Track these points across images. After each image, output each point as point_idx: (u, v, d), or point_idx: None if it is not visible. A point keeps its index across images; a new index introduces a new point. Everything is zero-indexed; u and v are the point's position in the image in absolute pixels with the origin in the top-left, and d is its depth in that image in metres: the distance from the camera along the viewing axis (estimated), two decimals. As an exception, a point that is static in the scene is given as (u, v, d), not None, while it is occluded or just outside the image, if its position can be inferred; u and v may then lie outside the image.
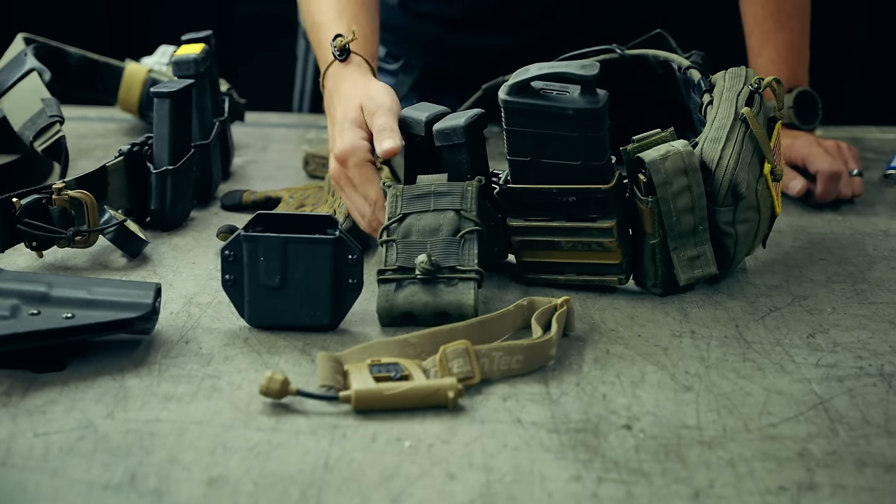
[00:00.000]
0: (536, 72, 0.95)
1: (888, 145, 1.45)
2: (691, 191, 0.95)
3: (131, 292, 0.88)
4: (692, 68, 1.08)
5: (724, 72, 1.05)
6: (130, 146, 1.10)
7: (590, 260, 0.99)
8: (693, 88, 1.08)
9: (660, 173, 0.94)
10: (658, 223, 0.96)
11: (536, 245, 0.99)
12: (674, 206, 0.95)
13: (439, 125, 1.01)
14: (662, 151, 0.95)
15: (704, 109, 1.03)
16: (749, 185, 0.98)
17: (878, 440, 0.79)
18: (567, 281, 1.01)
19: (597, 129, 0.94)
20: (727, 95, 1.01)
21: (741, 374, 0.88)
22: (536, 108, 0.95)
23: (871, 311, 0.99)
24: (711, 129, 0.99)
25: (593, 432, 0.79)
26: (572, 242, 0.98)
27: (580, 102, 0.94)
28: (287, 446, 0.77)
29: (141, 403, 0.81)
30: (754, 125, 0.98)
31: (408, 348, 0.88)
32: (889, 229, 1.19)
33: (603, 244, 0.97)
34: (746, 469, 0.75)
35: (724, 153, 0.97)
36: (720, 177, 0.97)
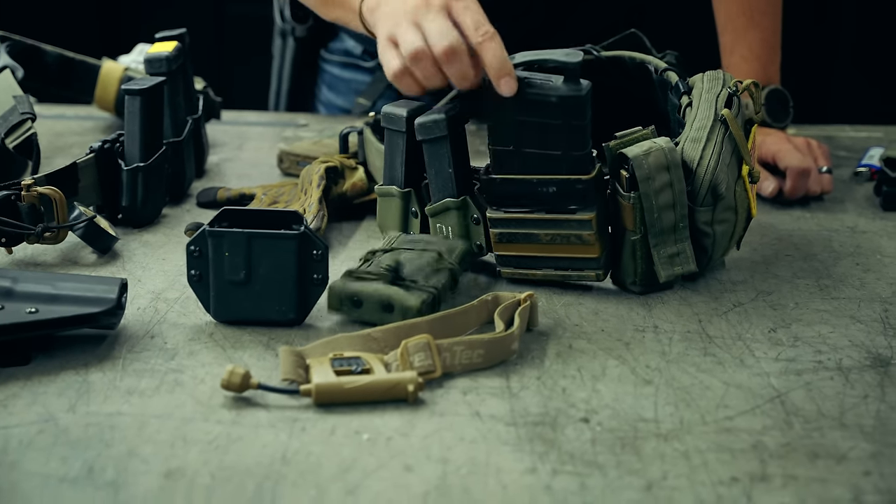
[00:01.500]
0: (521, 59, 0.96)
1: (860, 143, 1.46)
2: (673, 187, 0.95)
3: (96, 287, 0.89)
4: (669, 70, 1.09)
5: (702, 74, 1.06)
6: (101, 143, 1.11)
7: (568, 254, 0.99)
8: (670, 90, 1.08)
9: (643, 168, 0.95)
10: (640, 219, 0.97)
11: (515, 238, 1.00)
12: (656, 202, 0.96)
13: (421, 119, 1.02)
14: (645, 147, 0.95)
15: (683, 111, 1.04)
16: (728, 186, 0.99)
17: (831, 432, 0.80)
18: (545, 276, 1.01)
19: (580, 117, 0.95)
20: (706, 97, 1.02)
21: (701, 369, 0.88)
22: (520, 94, 0.95)
23: (833, 306, 1.00)
24: (692, 130, 1.00)
25: (551, 425, 0.80)
26: (551, 235, 0.98)
27: (564, 90, 0.95)
28: (246, 439, 0.77)
29: (103, 397, 0.82)
30: (734, 127, 0.99)
31: (371, 342, 0.89)
32: (856, 226, 1.20)
33: (582, 237, 0.98)
34: (700, 461, 0.76)
35: (704, 153, 0.98)
36: (701, 176, 0.97)
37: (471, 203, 1.03)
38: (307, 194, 1.13)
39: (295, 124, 1.53)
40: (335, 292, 0.93)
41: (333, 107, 1.58)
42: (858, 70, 2.39)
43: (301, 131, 1.49)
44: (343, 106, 1.56)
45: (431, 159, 1.02)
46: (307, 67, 1.58)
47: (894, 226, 1.20)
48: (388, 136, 1.05)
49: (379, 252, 0.99)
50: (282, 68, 1.59)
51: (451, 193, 1.02)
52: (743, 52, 1.34)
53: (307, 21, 1.53)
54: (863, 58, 2.42)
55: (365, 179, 1.16)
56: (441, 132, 1.00)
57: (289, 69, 1.58)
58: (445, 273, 0.96)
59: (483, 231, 1.03)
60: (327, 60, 1.56)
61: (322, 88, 1.58)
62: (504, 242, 1.01)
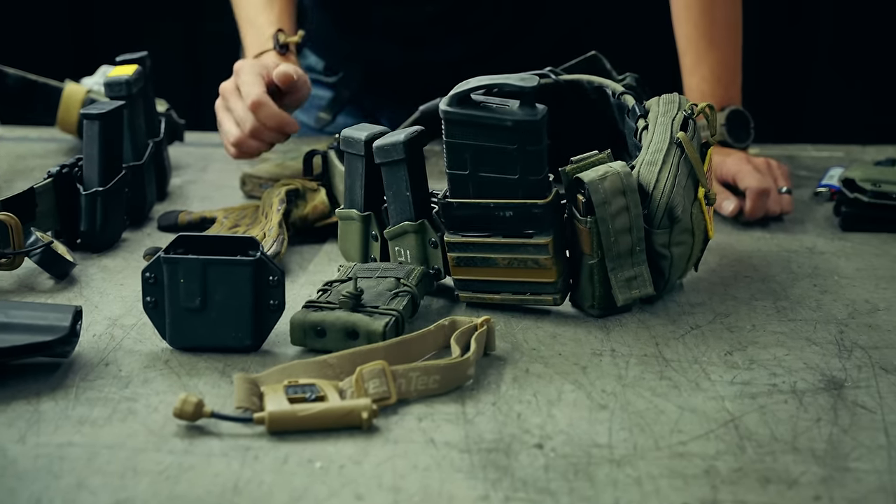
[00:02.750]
0: (476, 83, 0.97)
1: (821, 163, 1.47)
2: (629, 211, 0.96)
3: (49, 315, 0.88)
4: (626, 94, 1.09)
5: (658, 98, 1.07)
6: (60, 167, 1.10)
7: (525, 278, 0.99)
8: (627, 113, 1.09)
9: (599, 193, 0.95)
10: (596, 243, 0.97)
11: (473, 262, 1.00)
12: (612, 226, 0.96)
13: (379, 142, 1.02)
14: (601, 172, 0.96)
15: (640, 134, 1.04)
16: (684, 209, 0.99)
17: (783, 456, 0.80)
18: (503, 301, 1.01)
19: (535, 141, 0.96)
20: (662, 120, 1.02)
21: (657, 393, 0.89)
22: (476, 118, 0.96)
23: (789, 328, 1.01)
24: (648, 153, 1.00)
25: (505, 452, 0.80)
26: (508, 259, 0.99)
27: (519, 114, 0.95)
28: (197, 469, 0.77)
29: (54, 427, 0.82)
30: (689, 150, 1.00)
31: (326, 369, 0.88)
32: (815, 247, 1.21)
33: (539, 261, 0.98)
34: (652, 487, 0.76)
35: (660, 176, 0.98)
36: (657, 199, 0.98)
37: (429, 227, 1.03)
38: (268, 218, 1.13)
39: (259, 146, 1.52)
40: (297, 325, 0.93)
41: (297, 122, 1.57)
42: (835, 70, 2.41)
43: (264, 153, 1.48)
44: (305, 122, 1.56)
45: (389, 182, 1.02)
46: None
47: (852, 246, 1.21)
48: (348, 160, 1.05)
49: (336, 282, 0.99)
50: None
51: (409, 217, 1.02)
52: (704, 73, 1.35)
53: None
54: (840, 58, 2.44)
55: (326, 202, 1.16)
56: (399, 155, 1.00)
57: None
58: (406, 297, 0.96)
59: (441, 255, 1.03)
60: None
61: None
62: (462, 266, 1.01)
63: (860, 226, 1.24)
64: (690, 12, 1.35)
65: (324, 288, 0.98)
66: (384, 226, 1.05)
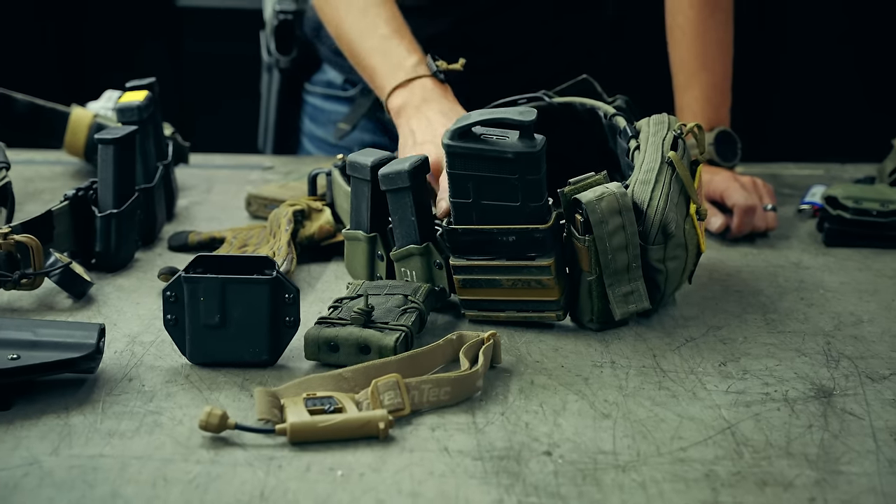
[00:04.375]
0: (477, 118, 1.01)
1: (803, 181, 1.52)
2: (625, 230, 1.00)
3: (75, 333, 0.92)
4: (617, 115, 1.14)
5: (648, 119, 1.11)
6: (76, 190, 1.14)
7: (529, 297, 1.04)
8: (619, 134, 1.14)
9: (596, 213, 1.00)
10: (595, 261, 1.02)
11: (478, 283, 1.05)
12: (609, 244, 1.00)
13: (384, 170, 1.07)
14: (598, 193, 1.00)
15: (632, 154, 1.09)
16: (678, 225, 1.04)
17: (779, 461, 0.85)
18: (508, 318, 1.06)
19: (534, 171, 1.00)
20: (653, 140, 1.07)
21: (656, 402, 0.93)
22: (477, 151, 1.00)
23: (779, 339, 1.06)
24: (640, 173, 1.05)
25: (516, 459, 0.84)
26: (512, 280, 1.03)
27: (519, 146, 1.00)
28: (225, 478, 0.81)
29: (85, 440, 0.85)
30: (680, 168, 1.05)
31: (342, 382, 0.93)
32: (800, 262, 1.26)
33: (541, 281, 1.02)
34: (657, 490, 0.80)
35: (654, 194, 1.03)
36: (651, 216, 1.03)
37: (433, 249, 1.07)
38: (276, 237, 1.17)
39: (261, 167, 1.57)
40: (311, 340, 0.97)
41: (315, 138, 1.63)
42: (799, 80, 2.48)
43: (267, 174, 1.53)
44: (323, 137, 1.61)
45: (395, 208, 1.07)
46: (291, 100, 1.64)
47: (836, 261, 1.26)
48: (355, 184, 1.10)
49: (346, 300, 1.03)
50: (269, 102, 1.65)
51: (415, 240, 1.07)
52: (695, 93, 1.40)
53: (291, 53, 1.59)
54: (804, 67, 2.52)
55: (332, 221, 1.21)
56: (404, 183, 1.05)
57: (275, 102, 1.64)
58: (414, 313, 1.00)
59: (446, 275, 1.07)
60: (310, 92, 1.62)
61: (304, 120, 1.64)
62: (468, 287, 1.05)
63: (843, 241, 1.30)
64: (685, 36, 1.41)
65: (334, 305, 1.02)
66: (389, 246, 1.10)
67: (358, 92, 1.56)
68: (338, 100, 1.59)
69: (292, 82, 1.65)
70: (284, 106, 1.67)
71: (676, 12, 1.41)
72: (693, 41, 1.41)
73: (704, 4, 1.40)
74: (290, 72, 1.64)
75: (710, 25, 1.41)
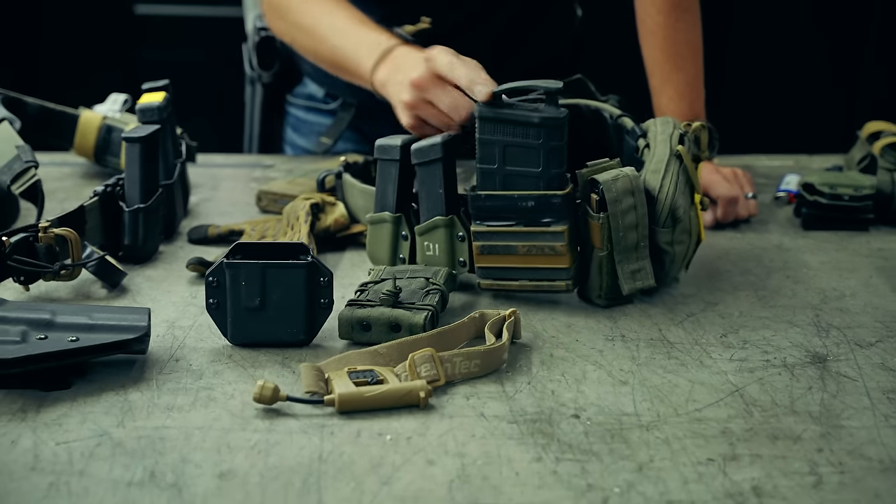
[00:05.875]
0: (507, 86, 1.09)
1: (776, 171, 1.62)
2: (636, 210, 1.09)
3: (127, 317, 0.98)
4: (623, 116, 1.23)
5: (654, 119, 1.20)
6: (105, 187, 1.19)
7: (542, 265, 1.11)
8: (627, 133, 1.22)
9: (611, 192, 1.08)
10: (607, 238, 1.09)
11: (496, 250, 1.12)
12: (622, 222, 1.08)
13: (418, 144, 1.15)
14: (614, 174, 1.09)
15: (641, 151, 1.18)
16: (685, 211, 1.12)
17: (786, 418, 0.93)
18: (521, 287, 1.13)
19: (558, 137, 1.08)
20: (661, 138, 1.15)
21: (668, 370, 1.01)
22: (507, 116, 1.09)
23: (772, 313, 1.14)
24: (652, 163, 1.13)
25: (547, 421, 0.92)
26: (528, 246, 1.11)
27: (545, 112, 1.08)
28: (283, 444, 0.87)
29: (146, 414, 0.91)
30: (687, 161, 1.13)
31: (378, 357, 0.99)
32: (781, 244, 1.35)
33: (555, 248, 1.10)
34: (680, 446, 0.88)
35: (664, 182, 1.11)
36: (662, 201, 1.11)
37: (457, 222, 1.14)
38: (294, 229, 1.23)
39: (262, 165, 1.63)
40: (345, 320, 1.04)
41: (298, 147, 1.69)
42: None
43: (269, 172, 1.59)
44: (306, 146, 1.67)
45: (424, 180, 1.14)
46: (275, 111, 1.69)
47: (815, 243, 1.36)
48: (381, 167, 1.17)
49: (370, 284, 1.10)
50: (252, 113, 1.71)
51: (441, 212, 1.14)
52: (670, 93, 1.49)
53: (273, 67, 1.65)
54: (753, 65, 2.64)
55: (346, 214, 1.27)
56: (436, 155, 1.13)
57: (258, 114, 1.70)
58: (437, 294, 1.07)
59: (467, 248, 1.15)
60: (292, 104, 1.68)
61: (287, 130, 1.70)
62: (486, 254, 1.13)
63: (820, 225, 1.39)
64: (656, 38, 1.49)
65: (361, 288, 1.09)
66: (412, 227, 1.17)
67: (339, 105, 1.63)
68: (319, 112, 1.66)
69: (275, 95, 1.71)
70: (268, 117, 1.73)
71: (646, 17, 1.50)
72: (665, 43, 1.49)
73: (673, 8, 1.49)
74: (273, 85, 1.70)
75: (679, 28, 1.50)
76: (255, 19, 1.70)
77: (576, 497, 0.81)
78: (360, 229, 1.27)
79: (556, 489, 0.82)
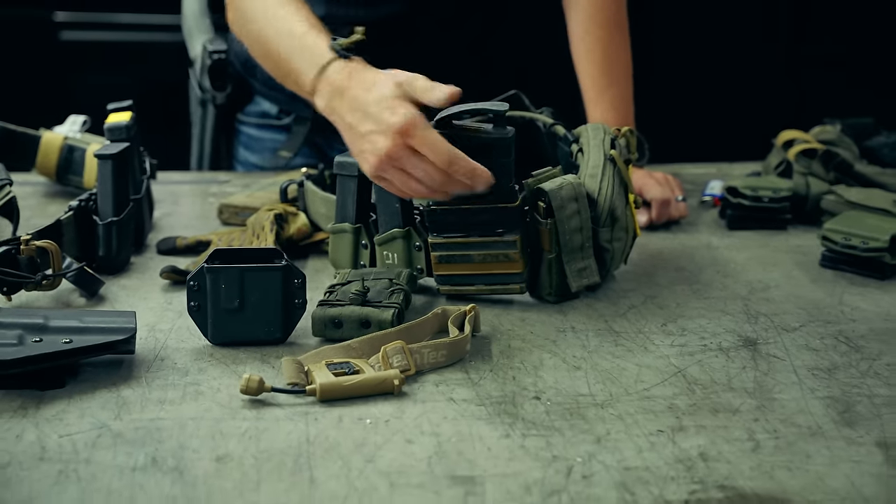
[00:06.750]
0: (458, 109, 1.16)
1: (701, 178, 1.73)
2: (580, 214, 1.18)
3: (116, 319, 1.04)
4: (556, 125, 1.32)
5: (585, 126, 1.30)
6: (79, 202, 1.25)
7: (497, 271, 1.20)
8: (560, 140, 1.31)
9: (557, 199, 1.17)
10: (554, 241, 1.19)
11: (453, 259, 1.20)
12: (567, 226, 1.18)
13: None
14: (558, 183, 1.18)
15: (575, 156, 1.27)
16: (621, 210, 1.22)
17: (724, 394, 1.03)
18: (477, 291, 1.22)
19: (506, 154, 1.17)
20: (594, 143, 1.25)
21: (616, 356, 1.11)
22: (458, 136, 1.16)
23: (706, 304, 1.25)
24: (588, 168, 1.23)
25: (511, 403, 1.00)
26: (483, 255, 1.19)
27: (494, 133, 1.17)
28: (272, 430, 0.95)
29: (140, 407, 0.98)
30: (620, 164, 1.23)
31: (351, 351, 1.07)
32: (710, 243, 1.46)
33: (508, 255, 1.19)
34: (632, 420, 0.98)
35: (602, 185, 1.21)
36: (601, 203, 1.20)
37: (413, 233, 1.23)
38: (259, 238, 1.30)
39: (217, 181, 1.69)
40: (318, 319, 1.11)
41: (249, 164, 1.75)
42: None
43: (225, 187, 1.65)
44: (258, 163, 1.74)
45: (381, 195, 1.22)
46: (224, 131, 1.76)
47: (740, 242, 1.47)
48: (341, 181, 1.24)
49: (338, 286, 1.17)
50: (203, 133, 1.77)
51: (398, 225, 1.22)
52: (605, 105, 1.59)
53: (226, 89, 1.72)
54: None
55: (308, 224, 1.35)
56: None
57: (210, 133, 1.76)
58: (401, 293, 1.16)
59: (424, 257, 1.23)
60: (244, 122, 1.74)
61: (238, 148, 1.76)
62: (443, 263, 1.21)
63: (743, 225, 1.51)
64: (592, 55, 1.60)
65: (330, 290, 1.17)
66: (372, 235, 1.25)
67: (292, 120, 1.69)
68: (273, 128, 1.72)
69: (226, 114, 1.77)
70: (218, 136, 1.79)
71: (583, 34, 1.60)
72: (600, 59, 1.59)
73: (607, 26, 1.60)
74: (225, 106, 1.76)
75: (613, 46, 1.60)
76: (206, 43, 1.76)
77: (543, 467, 0.90)
78: (323, 237, 1.35)
79: (525, 461, 0.91)
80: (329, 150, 1.68)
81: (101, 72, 3.15)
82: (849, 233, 1.34)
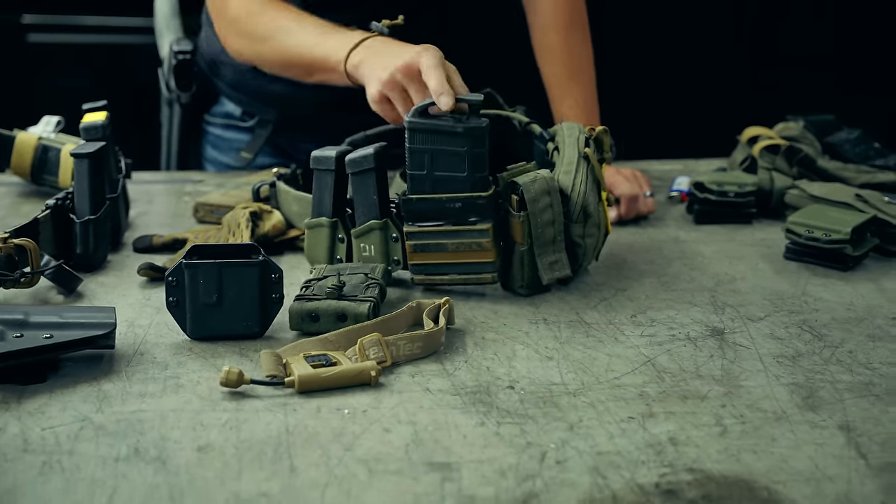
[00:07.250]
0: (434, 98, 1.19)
1: (668, 174, 1.77)
2: (553, 208, 1.21)
3: (96, 315, 1.06)
4: (532, 123, 1.35)
5: (561, 125, 1.33)
6: (56, 200, 1.27)
7: (470, 259, 1.22)
8: (536, 138, 1.34)
9: (530, 192, 1.20)
10: (527, 234, 1.21)
11: (427, 248, 1.23)
12: (540, 219, 1.20)
13: (351, 155, 1.25)
14: (531, 177, 1.21)
15: (551, 154, 1.30)
16: (594, 207, 1.25)
17: (692, 381, 1.06)
18: (451, 280, 1.24)
19: (481, 145, 1.20)
20: (570, 141, 1.28)
21: (587, 346, 1.13)
22: (434, 127, 1.19)
23: (674, 296, 1.28)
24: (563, 165, 1.25)
25: (486, 392, 1.03)
26: (456, 244, 1.22)
27: (468, 123, 1.19)
28: (251, 421, 0.97)
29: (121, 400, 0.99)
30: (594, 162, 1.26)
31: (328, 344, 1.09)
32: (678, 237, 1.49)
33: (481, 244, 1.21)
34: (604, 408, 1.00)
35: (575, 182, 1.24)
36: (574, 199, 1.23)
37: (391, 224, 1.25)
38: (235, 236, 1.32)
39: (191, 181, 1.71)
40: (295, 313, 1.13)
41: (218, 163, 1.77)
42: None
43: (199, 186, 1.67)
44: (226, 161, 1.75)
45: (358, 188, 1.24)
46: (192, 130, 1.77)
47: (706, 235, 1.50)
48: (318, 176, 1.26)
49: (314, 280, 1.19)
50: (170, 133, 1.79)
51: (375, 216, 1.25)
52: (570, 102, 1.62)
53: (191, 89, 1.73)
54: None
55: (283, 221, 1.37)
56: (370, 165, 1.23)
57: (177, 133, 1.77)
58: (376, 287, 1.18)
59: (400, 248, 1.25)
60: (210, 123, 1.76)
61: (207, 148, 1.78)
62: (418, 252, 1.23)
63: (710, 219, 1.54)
64: (555, 55, 1.63)
65: (306, 284, 1.19)
66: (348, 229, 1.27)
67: (255, 122, 1.72)
68: (237, 129, 1.75)
69: (192, 114, 1.79)
70: (186, 136, 1.81)
71: (544, 36, 1.63)
72: (563, 59, 1.63)
73: (569, 26, 1.63)
74: (191, 106, 1.78)
75: (574, 45, 1.64)
76: (173, 43, 1.78)
77: (518, 453, 0.92)
78: (297, 233, 1.37)
79: (500, 447, 0.93)
80: (293, 152, 1.70)
81: (69, 74, 3.15)
82: (812, 226, 1.37)
